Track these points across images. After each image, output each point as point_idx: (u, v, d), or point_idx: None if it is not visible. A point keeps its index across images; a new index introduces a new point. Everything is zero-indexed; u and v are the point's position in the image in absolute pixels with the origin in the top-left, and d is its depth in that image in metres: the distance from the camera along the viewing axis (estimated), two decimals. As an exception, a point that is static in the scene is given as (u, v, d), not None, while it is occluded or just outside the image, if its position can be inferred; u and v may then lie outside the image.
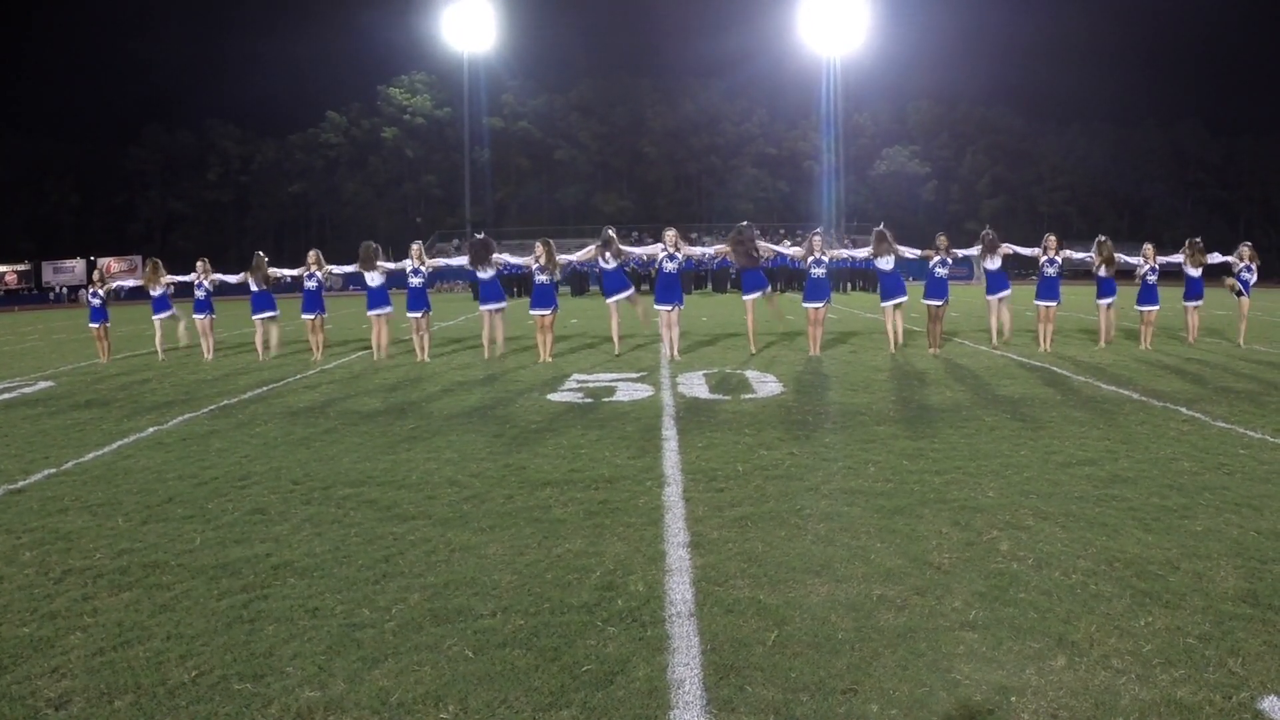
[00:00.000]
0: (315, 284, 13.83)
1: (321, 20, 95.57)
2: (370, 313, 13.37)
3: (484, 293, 13.14)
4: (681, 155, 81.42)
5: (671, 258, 12.77)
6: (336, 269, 14.42)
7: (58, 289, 64.59)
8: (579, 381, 10.61)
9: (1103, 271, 13.67)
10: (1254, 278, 13.99)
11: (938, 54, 77.26)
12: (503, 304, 13.24)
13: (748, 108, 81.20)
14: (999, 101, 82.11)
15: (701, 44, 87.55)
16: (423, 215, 76.31)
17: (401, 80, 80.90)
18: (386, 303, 13.30)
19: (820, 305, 13.08)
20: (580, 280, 39.61)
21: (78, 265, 70.07)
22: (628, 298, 13.09)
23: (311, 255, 13.99)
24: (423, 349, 13.23)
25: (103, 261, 65.64)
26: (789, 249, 15.33)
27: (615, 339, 13.60)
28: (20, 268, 69.83)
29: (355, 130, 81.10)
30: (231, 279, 14.66)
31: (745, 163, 79.90)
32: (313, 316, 13.78)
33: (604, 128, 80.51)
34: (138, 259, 65.99)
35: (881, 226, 13.58)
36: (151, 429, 8.07)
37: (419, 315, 13.17)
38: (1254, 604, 3.65)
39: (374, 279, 13.22)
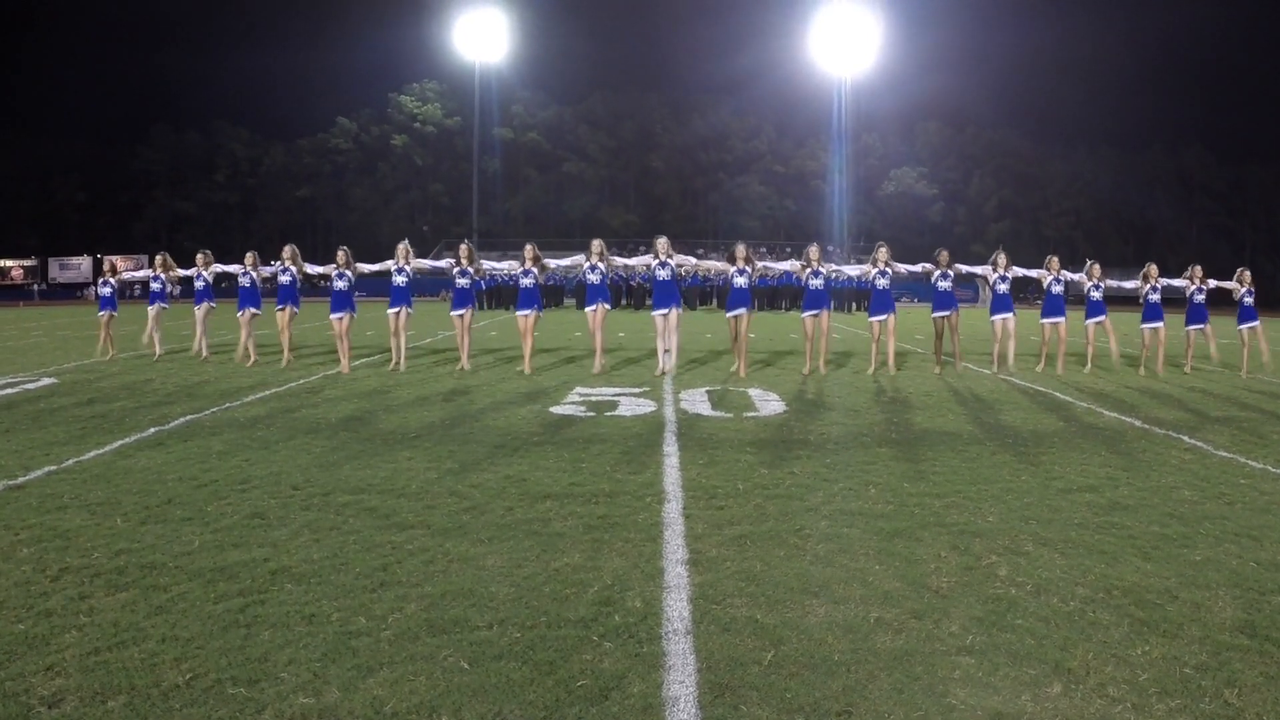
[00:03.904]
0: (290, 279, 13.77)
1: (334, 26, 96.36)
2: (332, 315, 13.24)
3: (457, 298, 13.24)
4: (689, 171, 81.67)
5: (664, 265, 12.76)
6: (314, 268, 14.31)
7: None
8: (581, 394, 10.61)
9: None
10: (1252, 299, 14.07)
11: (947, 76, 77.80)
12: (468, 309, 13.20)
13: (756, 125, 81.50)
14: (1007, 125, 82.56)
15: (712, 61, 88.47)
16: (430, 223, 76.52)
17: (413, 88, 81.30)
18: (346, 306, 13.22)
19: (820, 312, 13.05)
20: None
21: (84, 262, 70.33)
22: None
23: (288, 251, 13.95)
24: (399, 350, 13.16)
25: (110, 259, 65.79)
26: (786, 264, 15.28)
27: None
28: (26, 263, 70.10)
29: (365, 136, 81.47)
30: (232, 268, 14.56)
31: (753, 180, 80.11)
32: (282, 309, 13.77)
33: (613, 141, 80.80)
34: (144, 258, 66.20)
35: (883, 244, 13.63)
36: (153, 429, 8.08)
37: (396, 311, 13.09)
38: (1252, 635, 3.64)
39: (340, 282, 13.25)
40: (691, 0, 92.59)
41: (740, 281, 12.80)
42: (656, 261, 12.74)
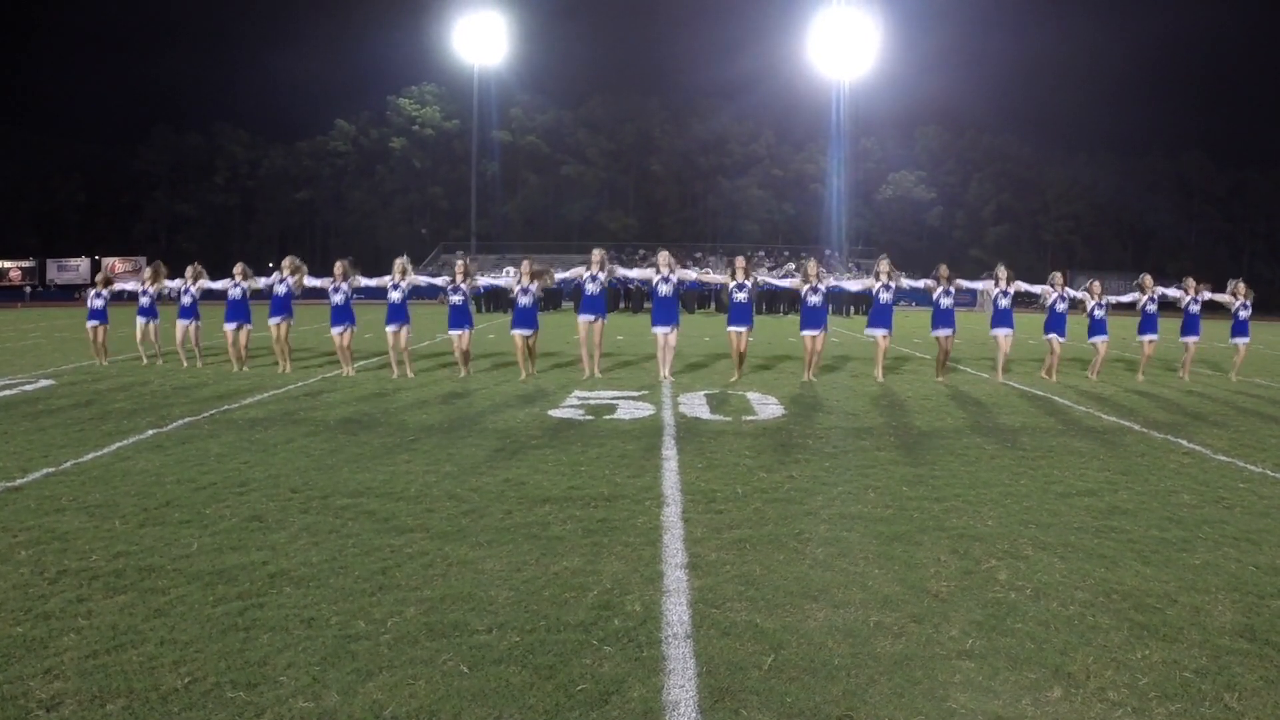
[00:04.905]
0: (285, 290, 13.56)
1: (333, 29, 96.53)
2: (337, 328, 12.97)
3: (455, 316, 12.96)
4: (688, 175, 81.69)
5: (666, 280, 12.63)
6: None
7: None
8: (580, 398, 10.60)
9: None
10: (1248, 313, 14.05)
11: (946, 80, 77.83)
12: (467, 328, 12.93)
13: (755, 129, 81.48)
14: (1007, 129, 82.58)
15: (711, 65, 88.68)
16: (428, 226, 76.52)
17: (411, 91, 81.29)
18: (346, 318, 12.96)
19: (818, 333, 12.85)
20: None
21: (82, 264, 70.27)
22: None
23: (288, 262, 13.77)
24: (399, 364, 12.84)
25: (107, 262, 65.89)
26: (786, 282, 15.14)
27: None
28: (24, 264, 70.05)
29: (364, 139, 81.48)
30: (217, 285, 14.32)
31: (751, 183, 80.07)
32: (279, 320, 13.47)
33: (612, 145, 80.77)
34: (142, 260, 66.22)
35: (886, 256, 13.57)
36: (151, 431, 8.07)
37: (394, 329, 12.76)
38: (1251, 639, 3.64)
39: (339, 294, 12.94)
40: (691, 4, 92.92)
41: (740, 297, 12.64)
42: (659, 277, 12.65)
